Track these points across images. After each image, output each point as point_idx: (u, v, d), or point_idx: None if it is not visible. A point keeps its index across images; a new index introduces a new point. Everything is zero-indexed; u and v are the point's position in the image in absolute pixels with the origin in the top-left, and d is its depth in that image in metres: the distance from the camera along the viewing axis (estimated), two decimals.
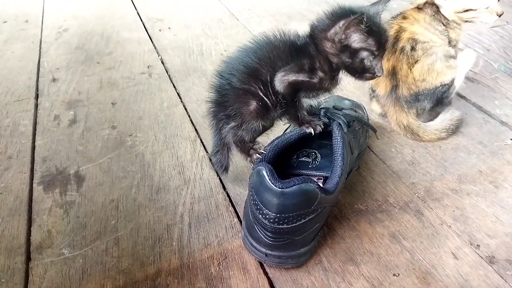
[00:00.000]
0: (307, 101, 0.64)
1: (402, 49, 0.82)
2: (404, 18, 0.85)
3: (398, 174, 0.77)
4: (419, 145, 0.84)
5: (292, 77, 0.60)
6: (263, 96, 0.62)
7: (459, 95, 0.99)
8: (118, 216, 0.69)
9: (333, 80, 0.63)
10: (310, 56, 0.61)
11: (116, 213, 0.70)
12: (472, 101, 0.97)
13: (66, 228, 0.68)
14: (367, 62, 0.60)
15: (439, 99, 0.86)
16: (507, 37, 1.27)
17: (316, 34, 0.61)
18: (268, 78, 0.61)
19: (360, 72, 0.62)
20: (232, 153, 0.71)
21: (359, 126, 0.75)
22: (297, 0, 1.62)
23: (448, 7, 0.84)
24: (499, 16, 0.84)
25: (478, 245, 0.63)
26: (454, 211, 0.69)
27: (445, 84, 0.84)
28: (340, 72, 0.63)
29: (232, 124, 0.65)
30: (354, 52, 0.60)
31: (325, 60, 0.61)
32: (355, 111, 0.78)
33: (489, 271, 0.60)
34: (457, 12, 0.84)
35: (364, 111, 0.84)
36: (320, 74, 0.62)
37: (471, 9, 0.83)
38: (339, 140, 0.61)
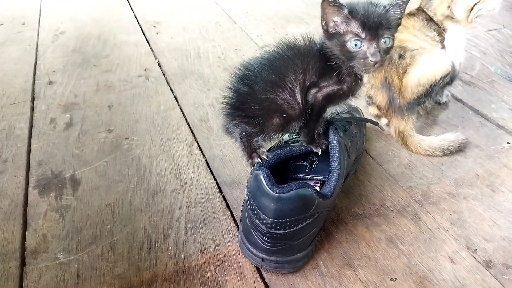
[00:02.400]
0: (331, 110, 0.62)
1: (390, 58, 0.81)
2: None
3: (395, 178, 0.77)
4: None
5: (325, 91, 0.58)
6: (288, 107, 0.59)
7: (456, 98, 0.99)
8: (114, 220, 0.69)
9: (359, 82, 0.60)
10: (335, 63, 0.58)
11: (112, 217, 0.70)
12: (469, 104, 0.97)
13: (62, 233, 0.67)
14: (354, 47, 0.56)
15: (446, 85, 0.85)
16: (504, 41, 1.28)
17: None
18: (300, 88, 0.58)
19: (351, 59, 0.57)
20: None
21: (357, 129, 0.75)
22: (295, 3, 1.62)
23: (461, 13, 0.83)
24: None
25: (475, 249, 0.63)
26: (451, 215, 0.69)
27: (445, 76, 0.82)
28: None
29: (247, 127, 0.61)
30: (340, 40, 0.57)
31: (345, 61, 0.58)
32: (352, 115, 0.78)
33: (486, 275, 0.60)
34: (468, 12, 0.83)
35: (361, 114, 0.84)
36: (348, 79, 0.59)
37: (476, 4, 0.82)
38: (335, 144, 0.61)
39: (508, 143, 0.85)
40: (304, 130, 0.62)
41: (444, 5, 0.83)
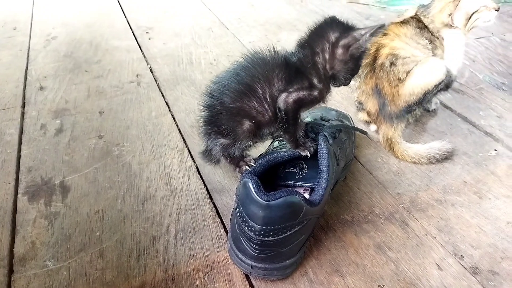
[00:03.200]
0: (305, 116, 0.65)
1: (381, 65, 0.82)
2: (384, 34, 0.85)
3: (384, 185, 0.78)
4: None
5: (295, 95, 0.61)
6: (257, 113, 0.61)
7: (444, 105, 1.00)
8: (103, 228, 0.69)
9: (329, 88, 0.65)
10: (306, 71, 0.62)
11: (101, 225, 0.69)
12: (457, 111, 0.98)
13: (50, 240, 0.67)
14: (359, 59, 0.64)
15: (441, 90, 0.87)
16: (492, 48, 1.30)
17: (317, 45, 0.62)
18: (266, 95, 0.61)
19: (355, 73, 0.65)
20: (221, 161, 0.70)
21: (346, 137, 0.76)
22: (287, 10, 1.63)
23: (460, 21, 0.85)
24: (497, 10, 0.85)
25: (462, 256, 0.64)
26: (438, 221, 0.70)
27: (438, 84, 0.83)
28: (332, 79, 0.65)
29: (222, 141, 0.64)
30: (360, 55, 0.63)
31: (322, 70, 0.62)
32: (342, 122, 0.79)
33: (473, 282, 0.60)
34: (466, 21, 0.85)
35: (351, 121, 0.85)
36: (319, 86, 0.62)
37: (474, 13, 0.84)
38: (324, 152, 0.62)
39: (495, 150, 0.86)
40: (286, 136, 0.64)
41: (445, 13, 0.85)
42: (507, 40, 1.35)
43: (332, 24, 0.62)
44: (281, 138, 0.69)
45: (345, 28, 0.62)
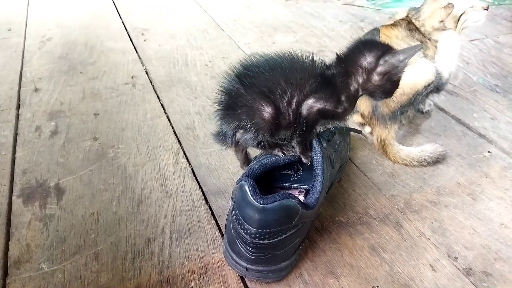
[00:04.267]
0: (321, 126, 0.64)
1: None
2: None
3: (378, 186, 0.78)
4: None
5: (321, 105, 0.60)
6: (279, 114, 0.60)
7: (438, 107, 1.01)
8: (98, 230, 0.69)
9: (352, 109, 0.64)
10: (338, 87, 0.61)
11: (96, 227, 0.69)
12: (451, 113, 0.99)
13: (45, 242, 0.67)
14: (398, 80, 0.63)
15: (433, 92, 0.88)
16: (486, 51, 1.31)
17: (350, 68, 0.61)
18: (294, 100, 0.60)
19: (394, 91, 0.64)
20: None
21: (341, 139, 0.76)
22: (282, 12, 1.64)
23: (449, 24, 0.86)
24: (486, 9, 0.86)
25: (455, 257, 0.65)
26: (432, 223, 0.70)
27: (427, 85, 0.84)
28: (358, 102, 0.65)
29: (239, 129, 0.62)
30: (399, 78, 0.63)
31: (353, 92, 0.62)
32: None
33: (466, 283, 0.61)
34: (456, 22, 0.86)
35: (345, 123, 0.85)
36: (346, 105, 0.62)
37: (461, 15, 0.85)
38: (318, 155, 0.62)
39: (489, 152, 0.87)
40: (298, 139, 0.63)
41: (435, 19, 0.85)
42: (501, 42, 1.36)
43: (370, 45, 0.62)
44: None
45: (383, 51, 0.61)
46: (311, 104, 0.60)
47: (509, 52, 1.30)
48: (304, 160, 0.64)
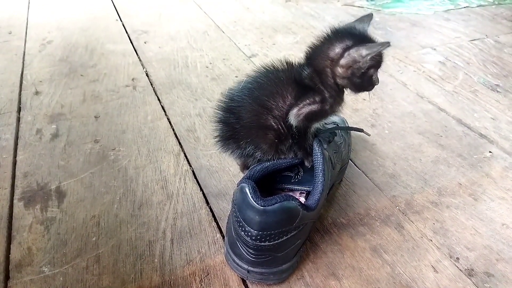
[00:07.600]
0: (315, 126, 0.64)
1: None
2: None
3: (379, 187, 0.78)
4: (400, 158, 0.85)
5: (306, 110, 0.59)
6: (276, 128, 0.61)
7: (439, 107, 1.01)
8: (99, 233, 0.69)
9: (340, 101, 0.63)
10: (317, 86, 0.60)
11: (97, 230, 0.69)
12: (452, 113, 0.99)
13: (47, 245, 0.67)
14: (374, 77, 0.61)
15: None
16: (486, 50, 1.30)
17: (320, 62, 0.60)
18: (283, 113, 0.59)
19: (367, 86, 0.62)
20: None
21: (341, 140, 0.76)
22: (282, 13, 1.64)
23: None
24: None
25: (457, 258, 0.64)
26: (434, 224, 0.70)
27: None
28: (345, 91, 0.63)
29: (243, 152, 0.64)
30: (366, 71, 0.59)
31: (332, 84, 0.60)
32: (337, 125, 0.79)
33: (468, 284, 0.61)
34: None
35: (346, 124, 0.85)
36: (330, 100, 0.61)
37: None
38: (319, 156, 0.62)
39: (490, 152, 0.86)
40: (295, 147, 0.63)
41: None
42: (501, 42, 1.36)
43: (341, 36, 0.59)
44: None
45: (353, 42, 0.58)
46: (296, 113, 0.59)
47: (509, 52, 1.29)
48: (307, 164, 0.64)
